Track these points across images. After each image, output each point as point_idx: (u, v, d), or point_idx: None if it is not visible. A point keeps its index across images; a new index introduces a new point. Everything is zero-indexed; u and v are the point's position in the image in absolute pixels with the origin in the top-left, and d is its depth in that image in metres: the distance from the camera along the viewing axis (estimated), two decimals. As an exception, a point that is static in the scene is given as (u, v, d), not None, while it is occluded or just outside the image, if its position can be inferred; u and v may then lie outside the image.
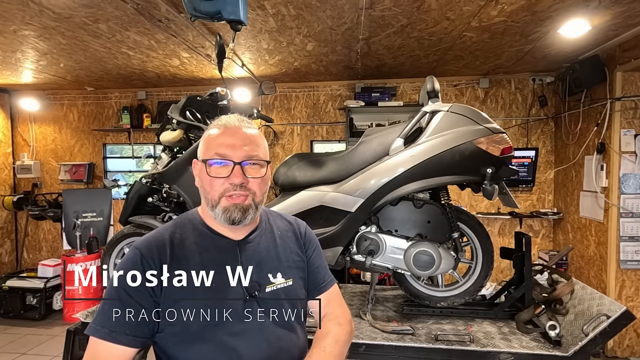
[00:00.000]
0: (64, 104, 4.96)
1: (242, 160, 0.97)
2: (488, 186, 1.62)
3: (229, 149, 0.98)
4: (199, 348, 0.93)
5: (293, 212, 1.85)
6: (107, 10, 2.50)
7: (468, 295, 1.82)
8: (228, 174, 0.97)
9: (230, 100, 2.07)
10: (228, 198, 0.97)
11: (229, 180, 0.97)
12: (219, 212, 0.98)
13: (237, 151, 0.98)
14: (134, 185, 2.15)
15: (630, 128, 3.20)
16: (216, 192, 0.98)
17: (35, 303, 4.12)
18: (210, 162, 0.98)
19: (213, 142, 1.00)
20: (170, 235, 1.00)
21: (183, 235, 1.01)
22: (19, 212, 5.04)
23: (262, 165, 1.01)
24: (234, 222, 0.98)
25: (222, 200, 0.97)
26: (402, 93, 4.43)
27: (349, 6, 2.50)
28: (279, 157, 4.62)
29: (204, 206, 1.04)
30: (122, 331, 0.89)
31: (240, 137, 0.99)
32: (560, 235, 4.11)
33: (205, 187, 1.00)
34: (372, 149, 1.79)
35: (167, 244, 0.98)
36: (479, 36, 3.00)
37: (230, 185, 0.97)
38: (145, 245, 0.97)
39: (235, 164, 0.97)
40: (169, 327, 0.93)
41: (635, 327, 3.26)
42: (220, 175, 0.97)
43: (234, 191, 0.97)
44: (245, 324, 0.96)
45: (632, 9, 2.47)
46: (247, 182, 0.98)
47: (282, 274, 1.05)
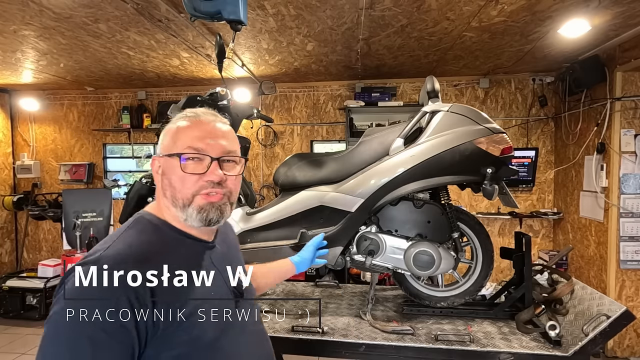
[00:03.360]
0: (64, 104, 4.96)
1: (220, 156, 0.88)
2: (488, 186, 1.62)
3: (204, 142, 0.87)
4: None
5: (293, 212, 1.85)
6: (107, 10, 2.50)
7: (468, 295, 1.82)
8: (204, 170, 0.86)
9: (230, 100, 2.06)
10: (204, 196, 0.87)
11: (206, 177, 0.86)
12: (193, 212, 0.86)
13: (213, 145, 0.88)
14: (134, 185, 2.14)
15: (630, 128, 3.21)
16: (189, 191, 0.86)
17: (35, 303, 4.12)
18: (184, 157, 0.86)
19: (184, 135, 0.88)
20: (144, 246, 0.83)
21: (158, 244, 0.85)
22: (19, 212, 5.04)
23: (237, 162, 0.93)
24: (210, 223, 0.88)
25: (196, 198, 0.86)
26: (402, 93, 4.43)
27: (349, 6, 2.50)
28: (279, 157, 4.62)
29: (167, 207, 0.89)
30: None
31: (215, 130, 0.90)
32: (560, 235, 4.11)
33: (174, 185, 0.86)
34: (372, 149, 1.78)
35: (149, 257, 0.80)
36: (479, 36, 3.00)
37: (205, 183, 0.86)
38: (123, 263, 0.75)
39: (212, 159, 0.87)
40: (167, 352, 0.77)
41: (635, 327, 3.26)
42: (195, 171, 0.86)
43: (211, 188, 0.87)
44: (240, 325, 0.94)
45: (632, 9, 2.47)
46: (225, 179, 0.89)
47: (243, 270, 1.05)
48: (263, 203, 4.46)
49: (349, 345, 1.59)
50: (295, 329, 1.66)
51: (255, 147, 4.61)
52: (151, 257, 0.80)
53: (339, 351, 1.61)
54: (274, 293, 2.20)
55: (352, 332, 1.66)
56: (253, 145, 4.49)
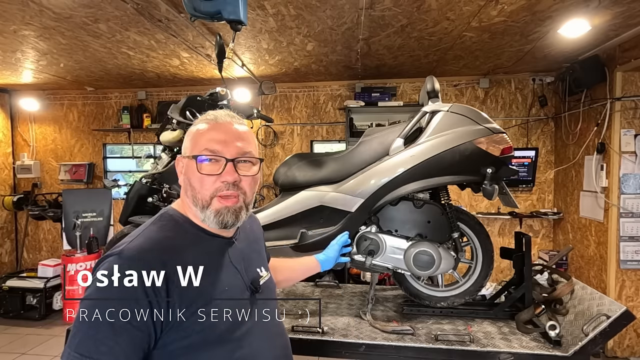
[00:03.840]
0: (64, 104, 4.96)
1: (235, 157, 0.91)
2: (488, 186, 1.62)
3: (220, 144, 0.91)
4: (216, 352, 0.86)
5: (293, 212, 1.85)
6: (107, 10, 2.50)
7: (468, 295, 1.82)
8: (220, 171, 0.90)
9: (230, 100, 2.07)
10: (220, 200, 0.91)
11: (221, 178, 0.90)
12: (211, 216, 0.91)
13: (229, 147, 0.91)
14: (134, 185, 2.15)
15: (630, 128, 3.21)
16: (207, 192, 0.90)
17: (35, 303, 4.12)
18: (200, 159, 0.90)
19: (202, 138, 0.92)
20: (165, 241, 0.88)
21: (178, 239, 0.90)
22: (19, 212, 5.04)
23: (254, 163, 0.96)
24: (226, 226, 0.92)
25: (213, 201, 0.91)
26: (402, 93, 4.43)
27: (349, 6, 2.50)
28: (279, 157, 4.62)
29: (188, 205, 0.94)
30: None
31: (231, 132, 0.94)
32: (560, 235, 4.11)
33: (194, 185, 0.92)
34: (372, 149, 1.78)
35: (168, 251, 0.85)
36: (479, 36, 3.00)
37: (222, 184, 0.90)
38: (142, 256, 0.82)
39: (227, 160, 0.90)
40: (179, 341, 0.82)
41: (635, 327, 3.26)
42: (211, 172, 0.90)
43: (227, 190, 0.91)
44: (254, 319, 0.95)
45: (632, 9, 2.47)
46: (240, 180, 0.92)
47: (264, 267, 1.08)
48: (263, 203, 4.46)
49: (349, 345, 1.59)
50: (295, 329, 1.66)
51: (255, 147, 4.60)
52: (169, 252, 0.86)
53: (339, 351, 1.61)
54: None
55: (352, 332, 1.66)
56: (253, 145, 4.48)
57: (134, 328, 0.76)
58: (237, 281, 0.95)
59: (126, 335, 0.76)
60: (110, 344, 0.75)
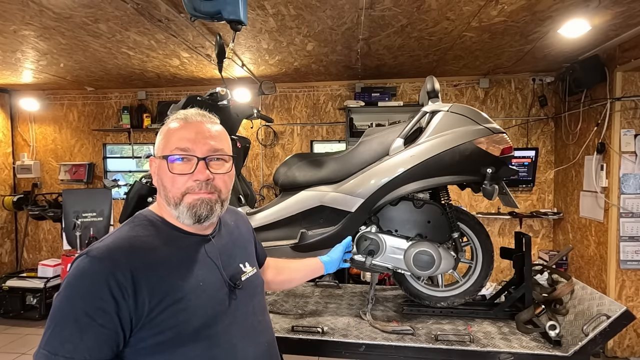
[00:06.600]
0: (64, 104, 4.96)
1: (206, 155, 0.91)
2: (488, 186, 1.62)
3: (191, 143, 0.90)
4: (191, 349, 0.85)
5: (293, 212, 1.85)
6: (107, 10, 2.50)
7: (468, 295, 1.82)
8: (191, 170, 0.90)
9: (230, 100, 2.06)
10: (192, 194, 0.90)
11: (193, 177, 0.90)
12: (184, 209, 0.90)
13: (200, 146, 0.91)
14: (134, 185, 2.14)
15: (630, 128, 3.21)
16: (178, 190, 0.90)
17: (35, 303, 4.12)
18: (171, 158, 0.90)
19: (173, 137, 0.92)
20: (134, 240, 0.87)
21: (149, 238, 0.89)
22: (19, 212, 5.04)
23: (226, 160, 0.95)
24: (200, 219, 0.91)
25: (185, 196, 0.90)
26: (402, 93, 4.43)
27: (349, 6, 2.50)
28: (279, 157, 4.62)
29: (163, 205, 0.94)
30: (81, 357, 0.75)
31: (202, 131, 0.93)
32: (560, 235, 4.11)
33: (165, 185, 0.91)
34: (372, 149, 1.79)
35: (136, 249, 0.85)
36: (479, 36, 3.00)
37: (194, 183, 0.90)
38: (108, 255, 0.82)
39: (199, 159, 0.90)
40: (153, 338, 0.82)
41: (635, 327, 3.26)
42: (183, 171, 0.90)
43: (199, 190, 0.90)
44: (233, 316, 0.94)
45: (632, 9, 2.47)
46: (213, 178, 0.91)
47: (249, 262, 1.07)
48: (263, 203, 4.46)
49: (349, 345, 1.60)
50: (295, 329, 1.66)
51: (255, 147, 4.61)
52: (138, 249, 0.85)
53: (339, 351, 1.61)
54: (274, 293, 2.19)
55: (352, 332, 1.66)
56: (253, 145, 4.48)
57: (99, 325, 0.76)
58: (213, 277, 0.94)
59: (91, 332, 0.76)
60: (75, 341, 0.75)
